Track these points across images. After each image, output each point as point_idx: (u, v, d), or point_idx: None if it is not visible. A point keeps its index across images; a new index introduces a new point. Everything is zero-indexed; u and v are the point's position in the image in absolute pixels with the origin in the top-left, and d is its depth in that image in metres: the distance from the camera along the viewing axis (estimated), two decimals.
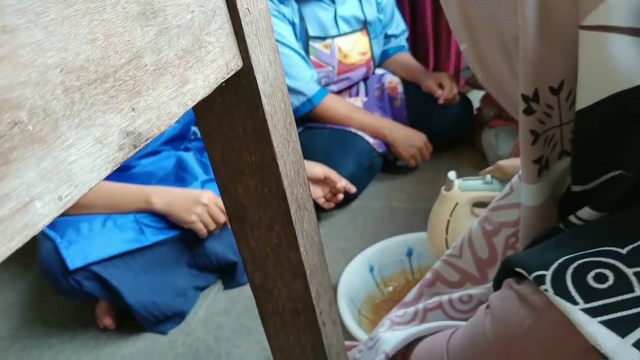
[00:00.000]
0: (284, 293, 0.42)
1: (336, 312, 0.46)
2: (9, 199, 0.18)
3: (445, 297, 0.59)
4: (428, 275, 0.64)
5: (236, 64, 0.31)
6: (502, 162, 0.83)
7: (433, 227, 0.85)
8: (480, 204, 0.82)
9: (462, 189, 0.80)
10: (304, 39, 1.40)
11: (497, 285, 0.41)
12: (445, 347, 0.45)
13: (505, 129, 1.42)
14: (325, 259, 0.45)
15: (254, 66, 0.32)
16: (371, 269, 1.03)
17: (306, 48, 1.41)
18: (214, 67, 0.29)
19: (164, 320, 1.08)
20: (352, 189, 1.27)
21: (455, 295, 0.58)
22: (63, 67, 0.20)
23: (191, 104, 0.27)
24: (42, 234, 1.03)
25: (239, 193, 0.38)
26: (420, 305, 0.60)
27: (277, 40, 1.28)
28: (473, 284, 0.60)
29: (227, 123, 0.35)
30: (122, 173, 1.17)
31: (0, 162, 0.17)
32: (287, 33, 1.35)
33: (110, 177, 1.14)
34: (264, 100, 0.33)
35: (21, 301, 1.27)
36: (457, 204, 0.81)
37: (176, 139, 1.25)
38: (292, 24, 1.37)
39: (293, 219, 0.38)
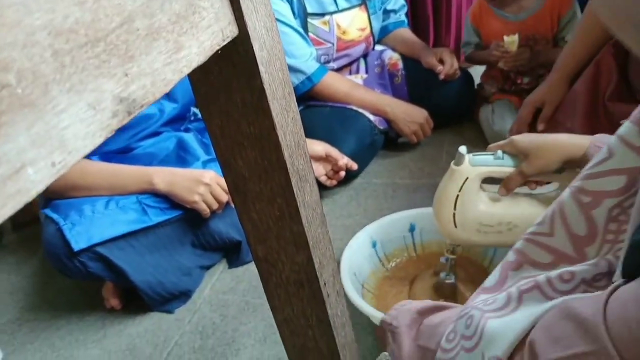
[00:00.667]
0: (287, 265, 0.41)
1: (340, 283, 0.46)
2: None
3: (541, 277, 0.50)
4: (511, 257, 0.56)
5: (231, 30, 0.30)
6: (516, 137, 0.81)
7: (440, 202, 0.83)
8: (489, 180, 0.81)
9: (473, 164, 0.78)
10: (302, 16, 1.38)
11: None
12: (604, 326, 0.36)
13: (502, 104, 1.41)
14: (328, 231, 0.44)
15: (250, 33, 0.31)
16: (374, 245, 1.03)
17: (304, 25, 1.38)
18: (209, 34, 0.28)
19: (170, 299, 1.08)
20: (354, 166, 1.27)
21: (554, 273, 0.50)
22: (51, 29, 0.19)
23: (186, 70, 0.26)
24: (46, 217, 1.03)
25: (239, 165, 0.37)
26: (514, 289, 0.51)
27: (275, 18, 1.26)
28: (569, 264, 0.51)
29: (224, 93, 0.34)
30: (124, 155, 1.17)
31: None
32: (285, 10, 1.33)
33: (112, 159, 1.14)
34: (262, 68, 0.33)
35: (27, 285, 1.29)
36: (467, 178, 0.79)
37: (176, 119, 1.24)
38: (290, 1, 1.35)
39: (294, 191, 0.37)
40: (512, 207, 0.82)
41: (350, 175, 1.35)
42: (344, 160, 1.24)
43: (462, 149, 0.79)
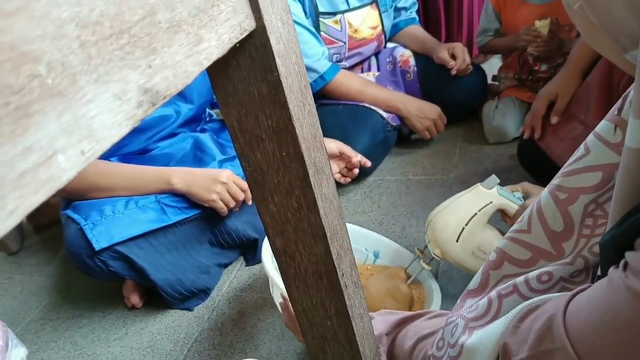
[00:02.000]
0: (305, 257, 0.42)
1: (357, 274, 0.46)
2: (31, 151, 0.18)
3: (520, 278, 0.52)
4: (492, 257, 0.57)
5: (249, 24, 0.31)
6: (528, 184, 0.89)
7: (454, 214, 0.84)
8: (500, 214, 0.86)
9: (499, 194, 0.84)
10: (314, 15, 1.39)
11: (618, 250, 0.36)
12: (563, 327, 0.38)
13: (506, 101, 1.40)
14: (345, 222, 0.45)
15: (266, 26, 0.32)
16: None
17: (316, 24, 1.39)
18: (227, 27, 0.29)
19: (189, 297, 1.10)
20: (367, 163, 1.27)
21: (533, 274, 0.51)
22: (78, 22, 0.20)
23: (206, 63, 0.27)
24: (67, 217, 1.06)
25: (257, 158, 0.38)
26: (493, 293, 0.52)
27: None
28: (547, 260, 0.53)
29: (242, 87, 0.35)
30: (142, 156, 1.19)
31: (21, 115, 0.18)
32: (296, 10, 1.34)
33: (131, 161, 1.16)
34: (278, 61, 0.33)
35: (50, 285, 1.31)
36: (490, 202, 0.83)
37: (192, 120, 1.26)
38: (302, 1, 1.36)
39: (312, 183, 0.38)
40: None
41: (364, 173, 1.35)
42: (357, 158, 1.24)
43: (495, 177, 0.85)
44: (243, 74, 0.34)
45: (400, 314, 0.68)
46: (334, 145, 1.24)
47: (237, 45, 0.30)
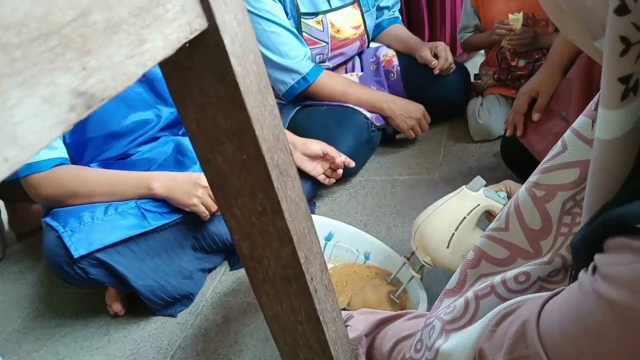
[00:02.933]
0: (273, 261, 0.41)
1: (328, 277, 0.46)
2: None
3: (497, 278, 0.51)
4: (470, 255, 0.56)
5: (200, 23, 0.30)
6: (511, 182, 0.88)
7: (442, 220, 0.82)
8: (484, 213, 0.85)
9: (486, 195, 0.83)
10: (296, 16, 1.38)
11: (589, 249, 0.35)
12: (537, 333, 0.37)
13: (491, 98, 1.40)
14: (314, 225, 0.44)
15: (219, 26, 0.31)
16: None
17: (298, 25, 1.38)
18: (175, 27, 0.28)
19: (172, 303, 1.09)
20: (351, 163, 1.26)
21: (510, 274, 0.50)
22: None
23: (151, 64, 0.26)
24: (46, 225, 1.04)
25: (217, 161, 0.37)
26: (470, 294, 0.51)
27: (268, 19, 1.25)
28: (525, 259, 0.52)
29: (198, 88, 0.34)
30: (123, 161, 1.17)
31: None
32: (277, 11, 1.33)
33: (112, 166, 1.14)
34: (234, 61, 0.32)
35: (32, 293, 1.29)
36: (478, 205, 0.82)
37: (174, 124, 1.25)
38: (283, 2, 1.35)
39: (275, 185, 0.37)
40: None
41: (349, 173, 1.34)
42: (341, 158, 1.24)
43: (480, 179, 0.83)
44: (198, 75, 0.33)
45: (381, 314, 0.67)
46: (317, 146, 1.23)
47: (187, 45, 0.29)
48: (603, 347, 0.32)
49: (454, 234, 0.81)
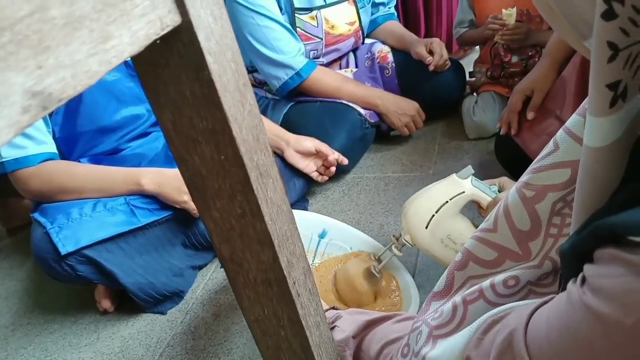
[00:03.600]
0: (253, 264, 0.40)
1: (312, 281, 0.44)
2: None
3: (486, 283, 0.50)
4: (458, 257, 0.55)
5: (172, 19, 0.29)
6: (506, 179, 0.88)
7: (425, 200, 0.84)
8: (473, 204, 0.86)
9: (473, 184, 0.84)
10: (290, 11, 1.36)
11: (578, 259, 0.34)
12: (524, 343, 0.36)
13: (486, 96, 1.39)
14: (297, 227, 0.43)
15: (193, 22, 0.30)
16: None
17: (292, 21, 1.37)
18: (144, 22, 0.27)
19: (162, 300, 1.08)
20: (344, 160, 1.25)
21: (499, 278, 0.49)
22: None
23: (116, 61, 0.25)
24: (34, 220, 1.02)
25: (195, 162, 0.36)
26: (458, 298, 0.50)
27: (262, 14, 1.23)
28: (513, 261, 0.51)
29: (173, 86, 0.33)
30: (113, 156, 1.16)
31: None
32: (271, 6, 1.31)
33: (102, 162, 1.12)
34: (209, 59, 0.31)
35: (21, 289, 1.28)
36: (462, 192, 0.83)
37: None
38: None
39: (254, 187, 0.36)
40: None
41: (342, 170, 1.33)
42: (334, 156, 1.22)
43: (470, 168, 0.85)
44: (173, 73, 0.32)
45: (369, 315, 0.66)
46: (310, 143, 1.22)
47: (159, 42, 0.28)
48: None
49: (434, 215, 0.83)
